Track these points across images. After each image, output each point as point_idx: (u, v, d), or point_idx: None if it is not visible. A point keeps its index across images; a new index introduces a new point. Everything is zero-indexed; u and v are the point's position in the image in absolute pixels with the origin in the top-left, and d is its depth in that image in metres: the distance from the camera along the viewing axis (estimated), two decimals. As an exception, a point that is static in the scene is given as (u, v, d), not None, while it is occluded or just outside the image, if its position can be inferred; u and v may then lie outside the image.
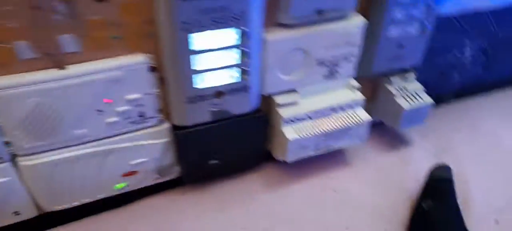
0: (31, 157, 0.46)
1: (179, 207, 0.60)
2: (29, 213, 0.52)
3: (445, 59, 0.79)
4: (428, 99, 0.64)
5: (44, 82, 0.41)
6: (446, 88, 0.86)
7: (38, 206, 0.52)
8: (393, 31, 0.56)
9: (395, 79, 0.65)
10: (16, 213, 0.51)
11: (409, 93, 0.65)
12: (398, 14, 0.54)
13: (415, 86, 0.65)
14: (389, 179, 0.66)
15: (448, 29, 0.72)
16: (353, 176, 0.66)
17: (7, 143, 0.44)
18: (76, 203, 0.54)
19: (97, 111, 0.46)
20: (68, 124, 0.45)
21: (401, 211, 0.60)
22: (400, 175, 0.66)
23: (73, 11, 0.39)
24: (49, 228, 0.56)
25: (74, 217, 0.57)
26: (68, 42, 0.40)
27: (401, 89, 0.65)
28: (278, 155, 0.61)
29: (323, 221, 0.59)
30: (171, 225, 0.57)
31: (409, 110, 0.63)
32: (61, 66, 0.41)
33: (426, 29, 0.58)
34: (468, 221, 0.59)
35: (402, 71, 0.65)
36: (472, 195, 0.63)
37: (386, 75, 0.65)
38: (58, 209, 0.53)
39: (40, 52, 0.40)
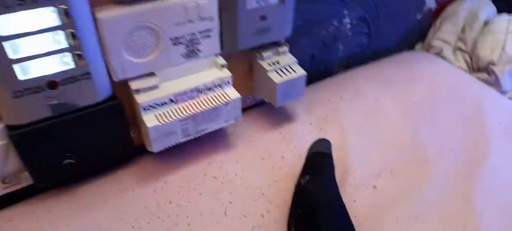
0: None
1: (35, 216, 0.52)
2: None
3: (326, 31, 0.79)
4: (300, 72, 0.63)
5: None
6: (331, 60, 0.87)
7: None
8: (251, 2, 0.54)
9: (268, 54, 0.63)
10: None
11: (282, 67, 0.63)
12: (251, -17, 0.52)
13: (288, 59, 0.64)
14: (272, 158, 0.64)
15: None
16: (234, 159, 0.63)
17: None
18: None
19: None
20: None
21: (284, 189, 0.59)
22: (283, 152, 0.65)
23: None
24: None
25: None
26: None
27: (273, 63, 0.63)
28: (146, 145, 0.56)
29: (199, 211, 0.55)
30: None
31: (281, 84, 0.61)
32: None
33: (284, -1, 0.56)
34: (348, 189, 0.59)
35: (275, 45, 0.64)
36: (352, 163, 0.64)
37: (258, 50, 0.62)
38: None
39: None
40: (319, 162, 0.56)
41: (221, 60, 0.57)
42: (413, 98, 0.79)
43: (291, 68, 0.64)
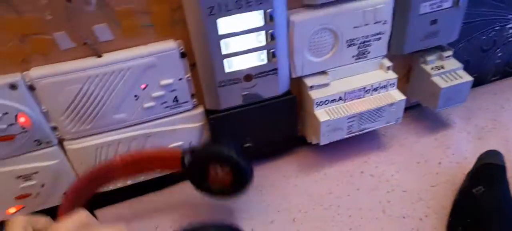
0: (77, 140, 0.48)
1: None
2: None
3: (486, 35, 0.73)
4: (466, 77, 0.59)
5: (83, 70, 0.43)
6: (487, 66, 0.79)
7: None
8: (425, 7, 0.52)
9: (432, 58, 0.60)
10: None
11: (447, 72, 0.60)
12: (431, -13, 0.51)
13: (452, 64, 0.61)
14: (428, 163, 0.62)
15: (487, 3, 0.66)
16: (389, 160, 0.62)
17: (54, 128, 0.46)
18: (119, 185, 0.55)
19: (134, 97, 0.47)
20: (108, 109, 0.46)
21: (442, 195, 0.56)
22: (440, 159, 0.62)
23: (103, 1, 0.39)
24: (95, 208, 0.58)
25: (118, 199, 0.59)
26: (102, 31, 0.41)
27: (437, 68, 0.60)
28: (311, 138, 0.59)
29: (358, 205, 0.56)
30: (206, 205, 0.57)
31: (446, 89, 0.58)
32: (98, 55, 0.43)
33: (460, 3, 0.53)
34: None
35: (438, 49, 0.61)
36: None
37: (422, 53, 0.61)
38: (103, 191, 0.55)
39: (77, 42, 0.41)
40: (493, 173, 0.52)
41: (387, 62, 0.57)
42: None
43: (456, 73, 0.60)
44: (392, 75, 0.57)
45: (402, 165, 0.61)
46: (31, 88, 0.42)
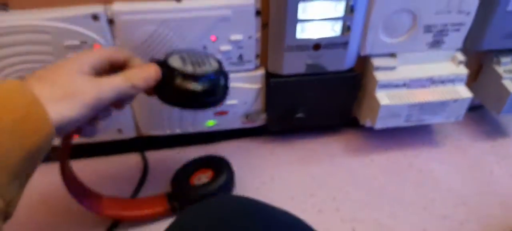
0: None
1: (260, 152, 0.61)
2: (129, 133, 0.56)
3: None
4: (542, 87, 0.57)
5: (162, 12, 0.44)
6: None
7: (137, 129, 0.56)
8: (516, 4, 0.50)
9: (506, 60, 0.58)
10: (119, 131, 0.56)
11: (520, 77, 0.58)
12: (526, -16, 0.48)
13: (528, 70, 0.58)
14: (480, 169, 0.60)
15: None
16: (440, 158, 0.61)
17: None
18: (169, 132, 0.57)
19: (203, 47, 0.48)
20: (176, 55, 0.48)
21: (488, 204, 0.55)
22: (492, 168, 0.60)
23: None
24: (143, 150, 0.61)
25: (165, 145, 0.61)
26: (187, -25, 0.42)
27: (510, 71, 0.58)
28: (365, 120, 0.58)
29: (401, 196, 0.56)
30: (251, 169, 0.59)
31: (517, 95, 0.56)
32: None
33: (557, 5, 0.50)
34: None
35: (515, 52, 0.58)
36: None
37: (497, 53, 0.58)
38: (153, 135, 0.57)
39: (161, -17, 0.42)
40: None
41: (461, 56, 0.55)
42: None
43: (530, 81, 0.57)
44: (462, 71, 0.55)
45: (453, 166, 0.60)
46: (111, 22, 0.44)
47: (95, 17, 0.43)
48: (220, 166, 0.54)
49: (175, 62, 0.40)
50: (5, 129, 0.27)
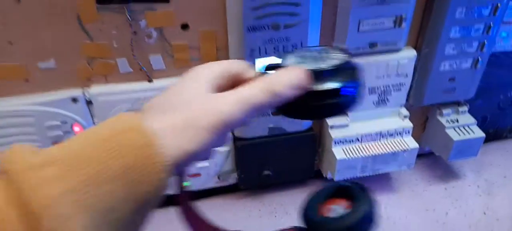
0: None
1: (233, 209, 0.65)
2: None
3: (504, 95, 0.77)
4: (479, 133, 0.64)
5: (135, 92, 0.49)
6: (503, 124, 0.83)
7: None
8: (445, 66, 0.58)
9: (447, 111, 0.65)
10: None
11: (460, 126, 0.65)
12: (450, 50, 0.56)
13: (467, 119, 0.66)
14: (436, 212, 0.66)
15: (506, 65, 0.71)
16: (398, 204, 0.67)
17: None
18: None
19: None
20: (150, 127, 0.53)
21: (446, 244, 0.60)
22: (447, 209, 0.66)
23: (162, 36, 0.47)
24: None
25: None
26: (156, 61, 0.48)
27: (452, 121, 0.65)
28: (326, 172, 0.64)
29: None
30: (224, 223, 0.62)
31: (458, 142, 0.63)
32: (150, 80, 0.50)
33: (479, 65, 0.59)
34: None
35: (455, 104, 0.66)
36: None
37: (439, 106, 0.66)
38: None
39: (134, 68, 0.48)
40: None
41: (405, 111, 0.62)
42: None
43: (470, 128, 0.65)
44: (408, 124, 0.62)
45: (411, 210, 0.66)
46: (89, 103, 0.49)
47: (74, 99, 0.48)
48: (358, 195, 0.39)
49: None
50: (114, 178, 0.22)
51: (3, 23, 0.42)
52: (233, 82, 0.30)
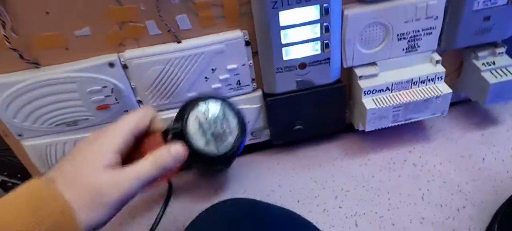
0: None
1: (267, 164, 0.66)
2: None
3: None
4: (518, 74, 0.59)
5: (166, 53, 0.50)
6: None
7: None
8: (478, 4, 0.54)
9: (483, 54, 0.61)
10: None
11: (497, 68, 0.60)
12: (484, -15, 0.52)
13: (505, 60, 0.61)
14: (472, 157, 0.63)
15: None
16: (433, 152, 0.64)
17: (139, 101, 0.55)
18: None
19: (204, 78, 0.54)
20: (183, 88, 0.54)
21: (482, 189, 0.57)
22: (484, 155, 0.63)
23: (187, -4, 0.47)
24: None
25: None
26: (183, 21, 0.49)
27: (489, 64, 0.61)
28: (358, 124, 0.63)
29: (399, 190, 0.59)
30: (261, 180, 0.63)
31: (495, 85, 0.59)
32: (178, 41, 0.50)
33: (516, 0, 0.54)
34: None
35: (491, 45, 0.61)
36: None
37: (474, 49, 0.61)
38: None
39: (163, 30, 0.49)
40: None
41: (437, 56, 0.58)
42: None
43: (508, 71, 0.60)
44: (440, 69, 0.58)
45: (446, 157, 0.63)
46: (125, 67, 0.51)
47: (111, 64, 0.50)
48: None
49: (195, 135, 0.38)
50: None
51: (39, -6, 0.43)
52: (137, 138, 0.36)
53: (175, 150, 0.36)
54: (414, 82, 0.58)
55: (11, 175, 0.68)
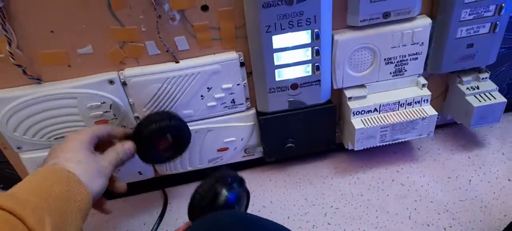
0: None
1: (259, 180, 0.67)
2: (148, 174, 0.64)
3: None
4: (500, 99, 0.61)
5: (164, 72, 0.52)
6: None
7: (155, 170, 0.64)
8: (462, 32, 0.56)
9: (468, 79, 0.63)
10: (140, 173, 0.63)
11: (481, 93, 0.62)
12: (466, 15, 0.54)
13: (488, 85, 0.63)
14: (459, 179, 0.64)
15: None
16: (421, 172, 0.66)
17: (136, 117, 0.56)
18: (181, 171, 0.64)
19: (200, 97, 0.55)
20: (180, 105, 0.55)
21: (469, 209, 0.59)
22: (470, 176, 0.64)
23: (185, 18, 0.49)
24: (160, 188, 0.67)
25: (180, 182, 0.68)
26: (181, 42, 0.50)
27: (473, 88, 0.63)
28: (347, 143, 0.64)
29: (386, 208, 0.60)
30: (252, 195, 0.64)
31: (479, 108, 0.61)
32: (176, 61, 0.52)
33: (497, 29, 0.56)
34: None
35: (475, 70, 0.64)
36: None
37: (459, 73, 0.64)
38: (167, 174, 0.64)
39: (162, 50, 0.51)
40: None
41: (423, 80, 0.60)
42: None
43: (491, 95, 0.62)
44: (426, 92, 0.60)
45: (433, 178, 0.64)
46: (124, 84, 0.52)
47: (111, 81, 0.51)
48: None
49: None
50: (59, 196, 0.36)
51: (43, 11, 0.45)
52: (99, 142, 0.46)
53: (127, 145, 0.48)
54: (401, 104, 0.60)
55: (8, 187, 0.68)
